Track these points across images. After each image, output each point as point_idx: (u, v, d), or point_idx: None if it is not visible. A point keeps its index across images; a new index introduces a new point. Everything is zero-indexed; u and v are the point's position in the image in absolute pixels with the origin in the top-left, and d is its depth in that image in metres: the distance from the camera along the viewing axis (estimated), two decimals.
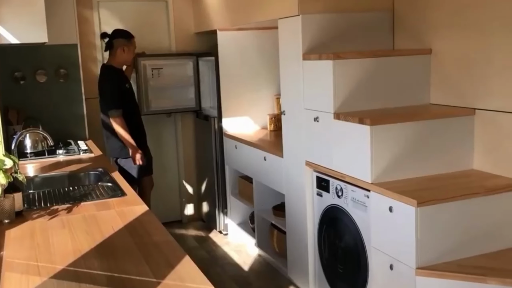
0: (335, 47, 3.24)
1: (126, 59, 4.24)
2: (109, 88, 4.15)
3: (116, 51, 4.18)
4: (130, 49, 4.21)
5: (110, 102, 4.11)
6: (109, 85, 4.15)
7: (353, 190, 2.92)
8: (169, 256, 1.93)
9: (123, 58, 4.21)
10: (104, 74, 4.24)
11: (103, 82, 4.22)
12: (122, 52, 4.17)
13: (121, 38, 4.17)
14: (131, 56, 4.26)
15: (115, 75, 4.19)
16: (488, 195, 2.55)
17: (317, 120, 3.15)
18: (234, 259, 4.41)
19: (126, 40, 4.17)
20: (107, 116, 4.11)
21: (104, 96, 4.18)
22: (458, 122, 2.87)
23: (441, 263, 2.46)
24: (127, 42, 4.17)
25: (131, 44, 4.21)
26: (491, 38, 2.71)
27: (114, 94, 4.11)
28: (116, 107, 4.07)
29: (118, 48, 4.16)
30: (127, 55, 4.21)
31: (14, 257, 1.98)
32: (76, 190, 2.92)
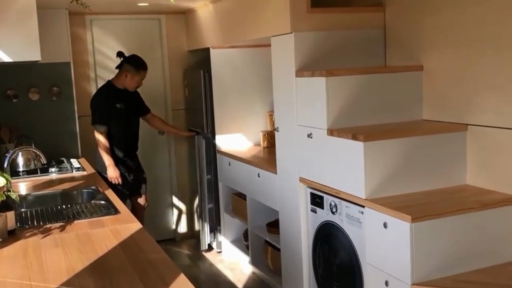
0: (328, 64, 3.26)
1: (128, 85, 4.21)
2: (96, 103, 4.19)
3: (121, 73, 4.19)
4: (134, 79, 4.18)
5: (95, 116, 4.14)
6: (96, 101, 4.20)
7: (347, 206, 2.92)
8: (164, 274, 1.91)
9: (125, 83, 4.20)
10: (97, 91, 4.30)
11: (94, 96, 4.29)
12: (125, 77, 4.17)
13: (130, 66, 4.16)
14: (134, 85, 4.22)
15: (109, 92, 4.20)
16: (483, 210, 2.55)
17: (310, 137, 3.16)
18: (228, 277, 4.37)
19: (133, 69, 4.16)
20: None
21: (92, 110, 4.20)
22: (451, 138, 2.89)
23: (437, 279, 2.46)
24: (133, 71, 4.16)
25: (138, 74, 4.18)
26: (482, 54, 2.74)
27: (101, 110, 4.14)
28: (100, 123, 4.11)
29: (124, 72, 4.17)
30: (129, 82, 4.19)
31: (7, 276, 1.96)
32: (69, 208, 2.90)
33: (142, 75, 4.22)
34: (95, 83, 4.87)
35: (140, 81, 4.23)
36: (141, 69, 4.19)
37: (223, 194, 4.77)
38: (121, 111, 4.20)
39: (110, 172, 4.12)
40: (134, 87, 4.25)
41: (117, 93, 4.21)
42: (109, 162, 4.12)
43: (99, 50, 4.89)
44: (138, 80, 4.21)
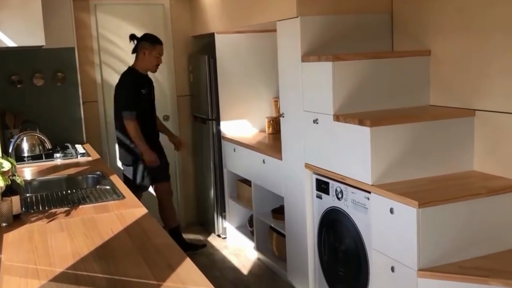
0: (334, 48, 3.23)
1: (148, 64, 4.13)
2: (123, 93, 4.11)
3: (139, 54, 4.13)
4: (152, 54, 4.11)
5: (124, 105, 4.07)
6: (123, 90, 4.11)
7: (353, 192, 2.90)
8: (170, 258, 1.91)
9: (145, 62, 4.13)
10: (121, 78, 4.20)
11: (118, 86, 4.19)
12: (143, 55, 4.10)
13: (145, 42, 4.11)
14: (153, 62, 4.14)
15: (132, 78, 4.13)
16: (490, 196, 2.53)
17: (316, 122, 3.14)
18: (233, 262, 4.38)
19: (149, 44, 4.10)
20: (120, 121, 4.10)
21: (119, 100, 4.14)
22: (458, 123, 2.87)
23: (443, 265, 2.45)
24: (149, 46, 4.10)
25: (155, 49, 4.11)
26: (490, 38, 2.71)
27: (128, 97, 4.07)
28: (129, 109, 4.04)
29: (141, 50, 4.11)
30: (148, 60, 4.11)
31: (13, 260, 1.96)
32: (74, 193, 2.89)
33: (159, 50, 4.14)
34: (100, 68, 4.86)
35: (158, 57, 4.15)
36: (156, 43, 4.13)
37: (228, 181, 4.77)
38: (145, 96, 4.15)
39: (147, 156, 4.09)
40: (154, 65, 4.16)
41: (140, 78, 4.15)
42: (144, 147, 4.09)
43: (103, 36, 4.86)
44: (156, 55, 4.12)
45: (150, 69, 4.18)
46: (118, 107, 4.15)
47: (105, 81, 4.90)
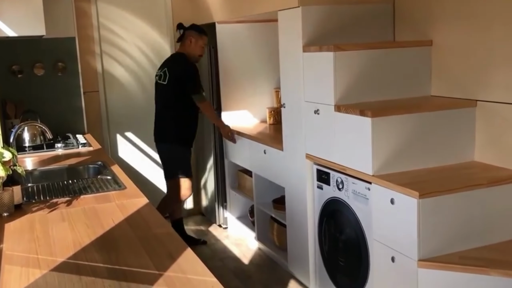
0: (336, 39, 3.22)
1: (192, 52, 4.19)
2: (192, 71, 4.13)
3: (185, 41, 4.21)
4: (198, 43, 4.19)
5: (198, 86, 4.13)
6: (193, 71, 4.14)
7: (354, 182, 2.90)
8: (171, 248, 1.91)
9: (190, 50, 4.19)
10: (183, 60, 4.19)
11: (184, 67, 4.16)
12: (189, 43, 4.18)
13: (193, 30, 4.20)
14: (197, 52, 4.21)
15: (191, 62, 4.19)
16: (491, 187, 2.53)
17: (317, 113, 3.14)
18: (234, 252, 4.40)
19: (196, 33, 4.18)
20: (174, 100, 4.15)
21: (189, 80, 4.12)
22: (460, 114, 2.86)
23: (443, 255, 2.45)
24: (196, 35, 4.18)
25: (201, 38, 4.20)
26: (493, 29, 2.70)
27: (198, 80, 4.14)
28: (201, 92, 4.13)
29: (187, 38, 4.19)
30: (193, 48, 4.18)
31: (14, 250, 1.97)
32: (76, 183, 2.90)
33: (205, 40, 4.22)
34: (100, 58, 4.84)
35: (203, 46, 4.23)
36: (203, 34, 4.21)
37: (229, 171, 4.77)
38: None
39: (225, 131, 4.32)
40: (198, 54, 4.22)
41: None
42: (222, 122, 4.35)
43: (104, 25, 4.84)
44: (201, 45, 4.21)
45: (194, 58, 4.22)
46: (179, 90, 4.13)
47: (106, 71, 4.89)
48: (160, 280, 1.65)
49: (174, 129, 4.23)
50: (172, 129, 4.23)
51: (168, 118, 4.23)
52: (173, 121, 4.22)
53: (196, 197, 5.35)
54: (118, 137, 5.01)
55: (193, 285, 1.62)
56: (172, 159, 4.30)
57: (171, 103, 4.20)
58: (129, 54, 4.96)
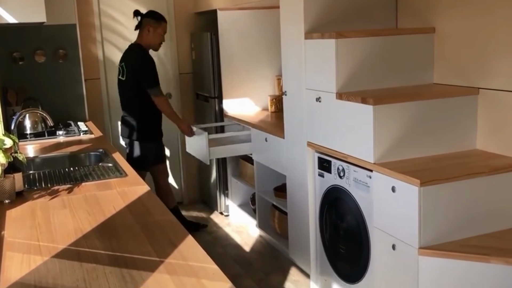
0: (338, 26, 3.20)
1: (151, 41, 4.06)
2: (147, 69, 3.99)
3: (142, 30, 4.06)
4: (157, 31, 4.04)
5: (151, 81, 3.99)
6: (146, 66, 4.00)
7: (355, 170, 2.90)
8: (172, 235, 1.92)
9: (148, 40, 4.05)
10: (138, 53, 4.05)
11: (139, 60, 4.03)
12: (148, 32, 4.03)
13: (150, 18, 4.05)
14: (157, 41, 4.08)
15: (148, 54, 4.06)
16: (492, 175, 2.53)
17: (319, 101, 3.13)
18: (235, 240, 4.41)
19: (154, 21, 4.03)
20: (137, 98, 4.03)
21: (144, 74, 3.99)
22: (462, 102, 2.85)
23: (444, 243, 2.45)
24: (154, 23, 4.03)
25: (160, 26, 4.05)
26: (496, 16, 2.67)
27: (154, 73, 4.00)
28: (157, 85, 4.00)
29: (145, 27, 4.04)
30: (152, 37, 4.04)
31: (15, 236, 1.97)
32: (77, 171, 2.90)
33: (164, 28, 4.08)
34: (101, 45, 4.83)
35: (162, 35, 4.09)
36: (161, 20, 4.07)
37: (230, 159, 4.77)
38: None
39: (185, 127, 4.24)
40: (158, 43, 4.09)
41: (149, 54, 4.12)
42: (180, 120, 4.24)
43: (104, 12, 4.83)
44: (160, 33, 4.07)
45: (154, 47, 4.11)
46: (138, 84, 4.00)
47: (107, 58, 4.88)
48: (161, 267, 1.66)
49: (138, 126, 4.09)
50: (136, 125, 4.09)
51: (131, 115, 4.10)
52: (136, 118, 4.09)
53: (198, 185, 5.36)
54: (119, 124, 5.01)
55: (194, 271, 1.62)
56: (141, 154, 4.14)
57: (132, 99, 4.09)
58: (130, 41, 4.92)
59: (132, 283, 1.56)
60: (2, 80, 4.12)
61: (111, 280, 1.58)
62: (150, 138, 4.16)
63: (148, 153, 4.16)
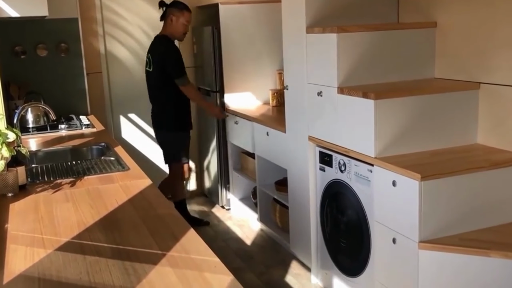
0: (339, 20, 3.20)
1: (175, 31, 4.06)
2: (176, 54, 4.04)
3: (166, 20, 4.07)
4: (179, 21, 4.04)
5: (178, 70, 4.03)
6: (173, 57, 4.03)
7: (356, 164, 2.91)
8: (174, 229, 1.93)
9: (172, 29, 4.06)
10: (162, 43, 4.08)
11: (164, 51, 4.05)
12: (171, 22, 4.04)
13: (173, 8, 4.05)
14: (181, 30, 4.08)
15: (174, 44, 4.10)
16: (493, 169, 2.54)
17: (320, 95, 3.13)
18: (236, 233, 4.43)
19: (177, 10, 4.03)
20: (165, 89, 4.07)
21: (170, 64, 4.02)
22: (463, 96, 2.85)
23: (444, 237, 2.47)
24: (177, 12, 4.02)
25: (182, 15, 4.04)
26: (497, 11, 2.67)
27: (181, 64, 4.04)
28: (184, 75, 4.04)
29: (168, 16, 4.04)
30: (175, 26, 4.04)
31: (19, 229, 1.99)
32: (79, 164, 2.92)
33: (187, 17, 4.07)
34: (103, 39, 4.83)
35: (186, 24, 4.08)
36: (184, 10, 4.05)
37: (232, 153, 4.78)
38: None
39: (216, 110, 4.37)
40: (182, 33, 4.10)
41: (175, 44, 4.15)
42: (208, 103, 4.36)
43: (106, 6, 4.83)
44: (183, 22, 4.05)
45: (178, 37, 4.12)
46: (164, 75, 4.04)
47: (109, 52, 4.88)
48: (163, 260, 1.67)
49: (167, 116, 4.18)
50: (165, 116, 4.18)
51: (160, 105, 4.19)
52: (165, 108, 4.16)
53: (199, 178, 5.38)
54: (121, 118, 5.03)
55: (196, 264, 1.64)
56: (169, 145, 4.28)
57: (160, 90, 4.13)
58: (132, 35, 4.94)
59: (135, 276, 1.57)
60: (4, 74, 4.12)
61: (114, 273, 1.60)
62: (180, 128, 4.23)
63: (180, 142, 4.26)
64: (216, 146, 4.83)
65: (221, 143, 4.81)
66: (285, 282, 3.57)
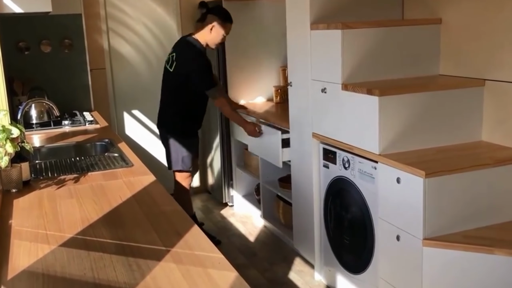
0: (344, 16, 3.18)
1: (212, 40, 3.76)
2: (205, 68, 3.72)
3: (205, 26, 3.75)
4: (219, 33, 3.73)
5: (209, 82, 3.72)
6: (204, 65, 3.72)
7: (360, 161, 2.90)
8: (178, 225, 1.93)
9: (209, 37, 3.76)
10: (194, 50, 3.77)
11: (195, 59, 3.74)
12: (210, 31, 3.73)
13: (217, 16, 3.72)
14: (217, 40, 3.77)
15: (203, 51, 3.79)
16: (497, 167, 2.53)
17: (324, 91, 3.12)
18: (240, 230, 4.43)
19: (221, 21, 3.71)
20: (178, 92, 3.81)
21: (199, 75, 3.72)
22: (468, 93, 2.84)
23: (448, 234, 2.46)
24: (220, 23, 3.71)
25: (225, 27, 3.73)
26: (503, 7, 2.66)
27: (210, 72, 3.75)
28: (214, 86, 3.74)
29: (208, 24, 3.73)
30: (214, 37, 3.74)
31: (23, 225, 1.99)
32: (83, 160, 2.92)
33: (228, 29, 3.77)
34: (107, 35, 4.83)
35: (224, 36, 3.78)
36: (228, 22, 3.75)
37: (235, 149, 4.78)
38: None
39: (250, 128, 3.88)
40: (216, 44, 3.79)
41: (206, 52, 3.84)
42: (243, 120, 3.90)
43: (110, 2, 4.82)
44: (223, 33, 3.75)
45: (211, 45, 3.80)
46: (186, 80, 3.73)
47: (113, 48, 4.88)
48: (167, 256, 1.67)
49: (177, 122, 3.90)
50: (174, 121, 3.90)
51: (172, 108, 3.89)
52: (176, 113, 3.88)
53: (203, 175, 5.38)
54: (125, 114, 5.03)
55: (200, 261, 1.64)
56: (172, 150, 3.93)
57: (175, 93, 3.84)
58: (136, 32, 4.94)
59: (139, 272, 1.57)
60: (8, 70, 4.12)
61: (118, 269, 1.60)
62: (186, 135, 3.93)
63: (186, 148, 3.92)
64: (220, 142, 4.83)
65: (225, 139, 4.81)
66: (288, 279, 3.57)
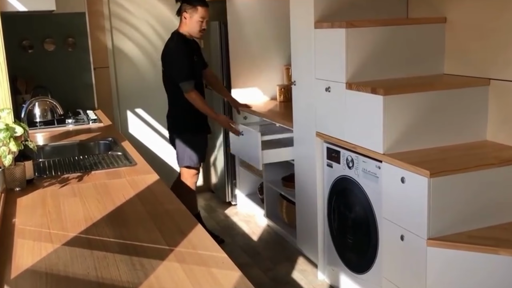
0: (348, 15, 3.17)
1: (190, 29, 3.69)
2: (179, 56, 3.66)
3: (180, 17, 3.73)
4: (193, 18, 3.65)
5: (183, 71, 3.65)
6: (179, 53, 3.66)
7: (364, 161, 2.89)
8: (181, 224, 1.93)
9: (186, 28, 3.70)
10: (172, 42, 3.75)
11: (171, 48, 3.74)
12: (184, 19, 3.68)
13: (185, 3, 3.66)
14: (196, 27, 3.68)
15: (182, 43, 3.71)
16: (502, 166, 2.51)
17: (328, 90, 3.11)
18: (243, 229, 4.43)
19: (190, 6, 3.64)
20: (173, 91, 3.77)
21: (173, 66, 3.69)
22: (472, 93, 2.83)
23: (453, 234, 2.45)
24: (190, 8, 3.64)
25: (196, 12, 3.64)
26: (508, 6, 2.64)
27: (187, 63, 3.66)
28: (189, 78, 3.64)
29: (182, 14, 3.70)
30: (189, 24, 3.67)
31: (26, 224, 1.99)
32: (86, 159, 2.91)
33: (202, 13, 3.65)
34: (111, 34, 4.82)
35: (201, 21, 3.67)
36: (198, 5, 3.63)
37: None
38: (197, 64, 3.79)
39: (222, 119, 3.91)
40: (198, 31, 3.70)
41: (189, 44, 3.76)
42: (214, 114, 3.82)
43: (114, 0, 4.82)
44: (198, 19, 3.65)
45: (194, 34, 3.74)
46: (170, 77, 3.74)
47: (116, 47, 4.88)
48: (171, 255, 1.67)
49: (180, 118, 3.86)
50: (177, 117, 3.88)
51: (173, 106, 3.87)
52: (177, 109, 3.84)
53: (206, 174, 5.37)
54: (128, 113, 5.03)
55: (203, 260, 1.63)
56: (181, 147, 3.89)
57: (171, 90, 3.82)
58: (139, 30, 4.93)
59: (142, 271, 1.57)
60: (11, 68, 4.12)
61: (122, 268, 1.59)
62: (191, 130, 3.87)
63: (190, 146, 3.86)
64: (223, 141, 4.82)
65: (228, 138, 4.79)
66: (292, 278, 3.57)
